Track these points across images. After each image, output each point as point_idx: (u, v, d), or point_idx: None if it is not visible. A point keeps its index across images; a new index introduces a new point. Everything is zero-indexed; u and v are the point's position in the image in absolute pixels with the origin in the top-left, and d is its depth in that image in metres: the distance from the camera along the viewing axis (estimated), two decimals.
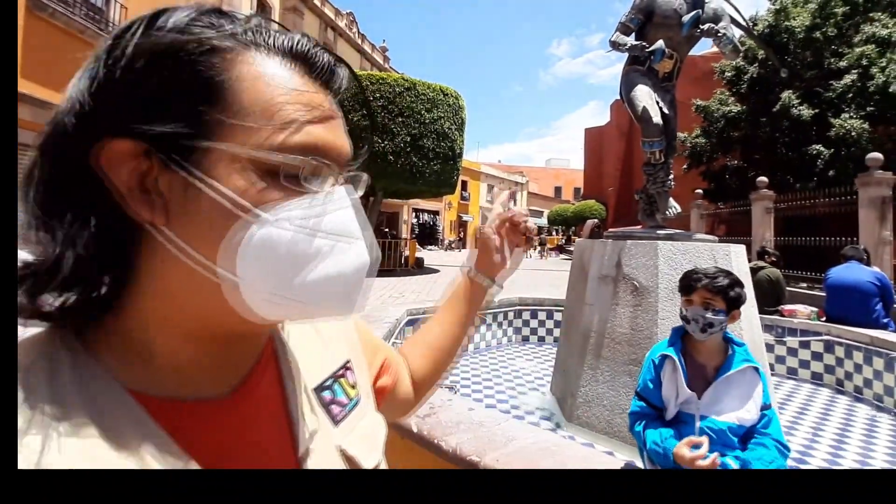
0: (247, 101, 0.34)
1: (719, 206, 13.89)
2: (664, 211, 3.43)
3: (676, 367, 1.55)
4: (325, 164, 0.37)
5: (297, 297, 0.36)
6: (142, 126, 0.33)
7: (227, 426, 0.39)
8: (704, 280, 1.56)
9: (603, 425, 3.09)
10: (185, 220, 0.34)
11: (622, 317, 3.11)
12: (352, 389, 0.52)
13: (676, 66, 3.42)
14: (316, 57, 0.39)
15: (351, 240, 0.39)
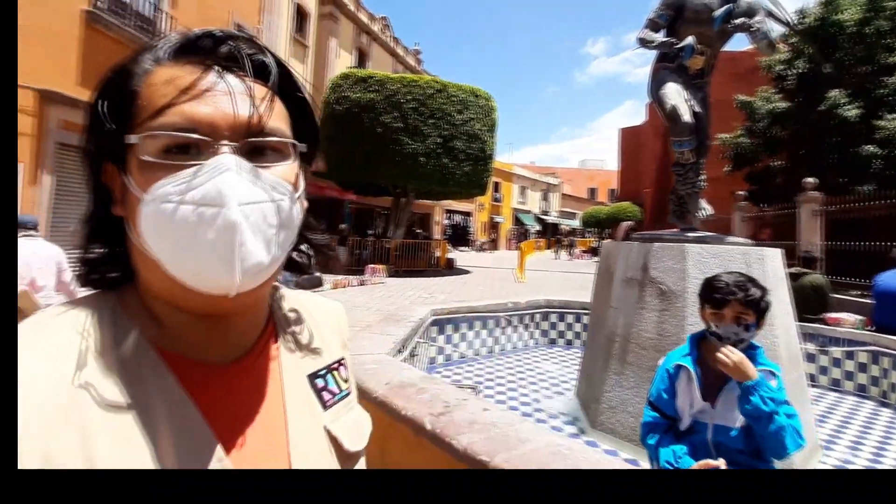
0: (143, 101, 0.41)
1: (763, 209, 13.28)
2: (695, 213, 3.31)
3: (692, 378, 1.51)
4: (181, 136, 0.39)
5: (186, 264, 0.39)
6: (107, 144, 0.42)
7: (228, 389, 0.45)
8: (738, 294, 1.46)
9: (628, 432, 3.01)
10: (128, 211, 0.42)
11: (648, 321, 3.03)
12: (343, 383, 0.56)
13: (709, 62, 3.30)
14: (197, 44, 0.42)
15: (214, 207, 0.38)
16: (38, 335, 0.38)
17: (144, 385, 0.40)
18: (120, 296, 0.45)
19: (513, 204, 41.41)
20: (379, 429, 0.60)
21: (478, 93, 14.38)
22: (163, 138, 0.39)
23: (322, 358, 0.56)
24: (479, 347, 5.09)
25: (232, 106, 0.40)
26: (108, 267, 0.46)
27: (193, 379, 0.43)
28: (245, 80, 0.42)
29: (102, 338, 0.40)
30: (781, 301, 2.95)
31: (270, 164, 0.43)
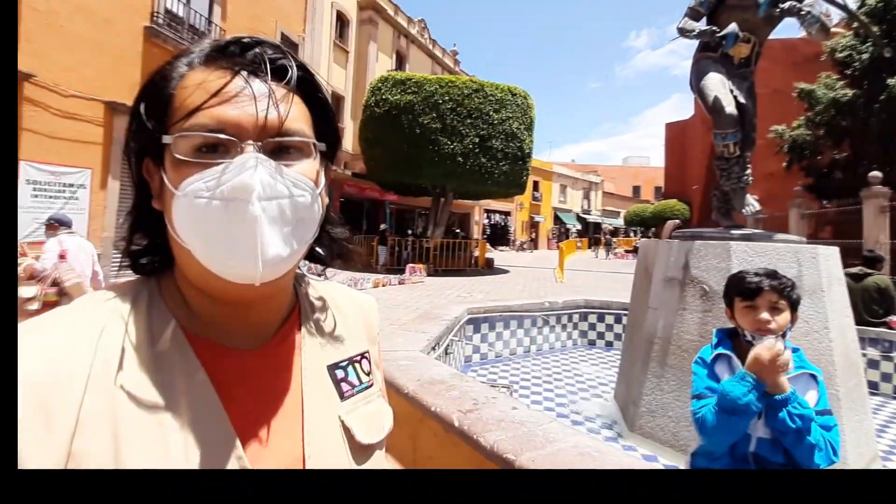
0: (177, 104, 0.44)
1: (824, 205, 12.42)
2: (740, 209, 3.15)
3: (735, 366, 1.39)
4: (211, 137, 0.42)
5: (214, 255, 0.42)
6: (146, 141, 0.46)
7: (249, 373, 0.48)
8: (771, 281, 1.37)
9: (668, 437, 2.91)
10: (164, 205, 0.46)
11: (690, 323, 2.91)
12: (365, 375, 0.58)
13: (755, 50, 3.12)
14: (226, 50, 0.46)
15: (239, 201, 0.41)
16: (83, 315, 0.43)
17: (170, 365, 0.43)
18: (159, 281, 0.49)
19: (553, 203, 40.70)
20: (411, 423, 0.61)
21: (515, 91, 14.25)
22: (194, 138, 0.42)
23: (345, 349, 0.57)
24: (515, 347, 5.05)
25: (256, 108, 0.43)
26: (152, 255, 0.50)
27: (217, 361, 0.46)
28: (268, 83, 0.45)
29: (137, 320, 0.44)
30: (837, 302, 2.76)
31: (292, 161, 0.46)
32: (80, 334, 0.41)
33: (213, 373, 0.45)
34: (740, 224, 3.26)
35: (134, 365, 0.41)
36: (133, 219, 0.50)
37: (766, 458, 1.32)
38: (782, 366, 1.24)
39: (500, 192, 16.11)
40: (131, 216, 0.50)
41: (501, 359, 4.84)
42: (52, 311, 0.44)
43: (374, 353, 0.62)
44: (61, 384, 0.37)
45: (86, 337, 0.41)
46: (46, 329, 0.41)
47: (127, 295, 0.46)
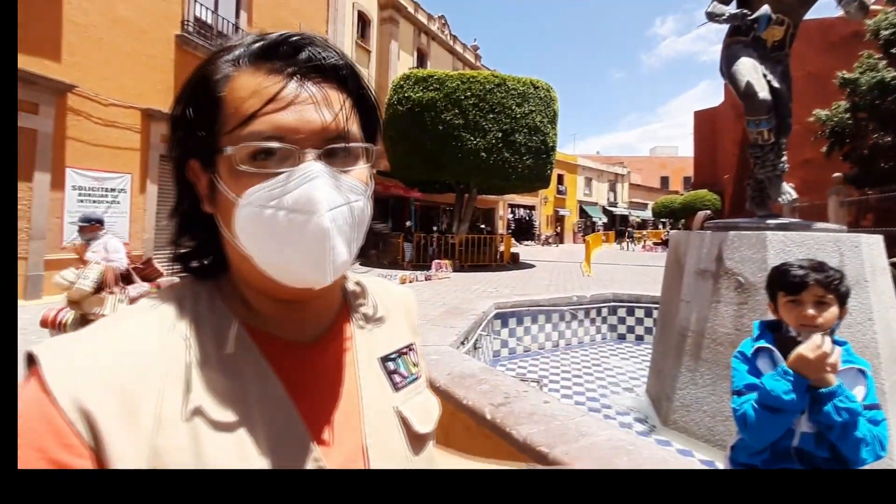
0: (230, 109, 0.44)
1: (867, 193, 11.83)
2: (776, 198, 3.05)
3: (777, 360, 1.33)
4: (274, 147, 0.42)
5: (278, 263, 0.43)
6: (193, 144, 0.46)
7: (310, 366, 0.49)
8: (817, 274, 1.30)
9: (703, 432, 2.86)
10: (219, 210, 0.46)
11: (724, 316, 2.84)
12: (413, 367, 0.58)
13: (789, 32, 3.01)
14: (276, 51, 0.45)
15: (306, 213, 0.41)
16: (150, 316, 0.43)
17: (238, 363, 0.44)
18: (215, 282, 0.50)
19: (578, 196, 40.06)
20: (443, 416, 0.59)
21: (537, 84, 14.08)
22: (255, 146, 0.42)
23: (392, 341, 0.58)
24: (544, 341, 5.03)
25: (313, 113, 0.43)
26: (203, 257, 0.51)
27: (278, 355, 0.47)
28: (323, 86, 0.44)
29: (201, 319, 0.45)
30: (882, 293, 2.65)
31: (349, 167, 0.46)
32: (150, 334, 0.41)
33: (278, 367, 0.46)
34: (776, 213, 3.16)
35: (204, 364, 0.42)
36: (178, 222, 0.50)
37: (810, 453, 1.27)
38: (830, 366, 1.18)
39: (524, 186, 15.98)
40: (176, 219, 0.50)
41: (530, 353, 4.84)
42: (117, 313, 0.45)
43: (417, 344, 0.62)
44: (140, 381, 0.38)
45: (155, 336, 0.41)
46: (118, 329, 0.41)
47: (187, 295, 0.47)
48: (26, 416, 0.35)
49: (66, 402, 0.35)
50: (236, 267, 0.48)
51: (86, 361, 0.37)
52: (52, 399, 0.35)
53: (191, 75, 0.47)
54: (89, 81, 7.76)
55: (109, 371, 0.37)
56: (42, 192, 7.10)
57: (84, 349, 0.38)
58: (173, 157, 0.48)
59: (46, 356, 0.37)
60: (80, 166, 7.69)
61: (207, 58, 0.47)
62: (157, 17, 8.94)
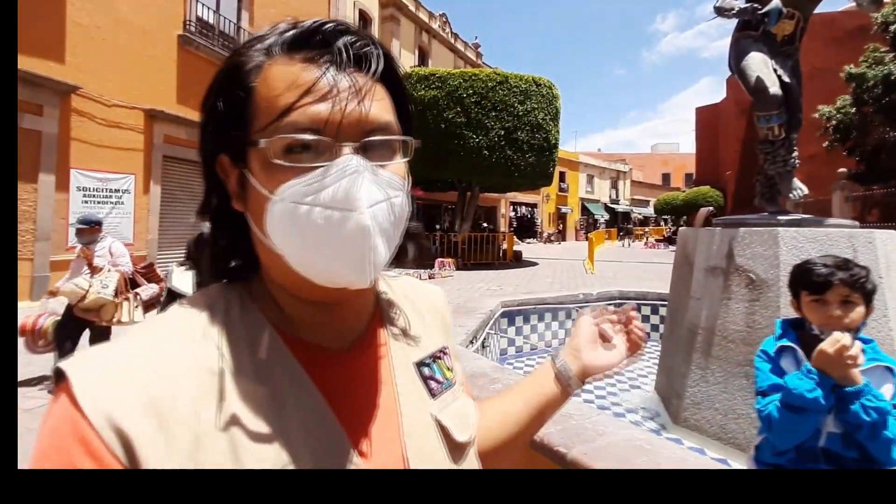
0: (261, 100, 0.41)
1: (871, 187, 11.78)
2: (787, 194, 3.02)
3: (800, 359, 1.30)
4: (311, 139, 0.39)
5: (314, 263, 0.41)
6: (224, 138, 0.43)
7: (347, 373, 0.46)
8: (841, 273, 1.27)
9: (715, 430, 2.84)
10: (250, 207, 0.44)
11: (736, 313, 2.83)
12: (448, 371, 0.56)
13: (799, 26, 2.98)
14: (311, 40, 0.42)
15: (345, 210, 0.39)
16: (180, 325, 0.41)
17: (273, 372, 0.42)
18: (246, 285, 0.47)
19: (580, 193, 39.99)
20: None
21: (539, 81, 14.04)
22: (285, 139, 0.39)
23: (426, 345, 0.55)
24: (551, 339, 5.02)
25: (350, 105, 0.40)
26: (231, 258, 0.48)
27: (314, 362, 0.44)
28: (359, 76, 0.42)
29: (234, 327, 0.42)
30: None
31: (386, 161, 0.43)
32: (183, 345, 0.39)
33: (314, 375, 0.44)
34: (786, 209, 3.14)
35: (239, 373, 0.40)
36: (212, 220, 0.47)
37: (837, 453, 1.25)
38: (850, 361, 1.15)
39: (526, 184, 15.96)
40: (207, 217, 0.47)
41: (537, 351, 4.83)
42: (146, 322, 0.43)
43: (450, 346, 0.60)
44: (175, 395, 0.36)
45: (189, 347, 0.39)
46: (149, 341, 0.39)
47: (218, 301, 0.44)
48: (59, 436, 0.33)
49: (101, 422, 0.33)
50: (268, 268, 0.46)
51: (119, 377, 0.35)
52: (86, 419, 0.33)
53: (221, 66, 0.44)
54: (93, 82, 7.76)
55: (143, 387, 0.35)
56: (47, 193, 7.11)
57: (116, 364, 0.36)
58: (202, 152, 0.46)
59: (76, 372, 0.35)
60: (85, 167, 7.70)
61: (238, 48, 0.44)
62: (159, 17, 8.93)
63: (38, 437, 0.35)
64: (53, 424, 0.34)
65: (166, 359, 0.38)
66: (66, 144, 7.40)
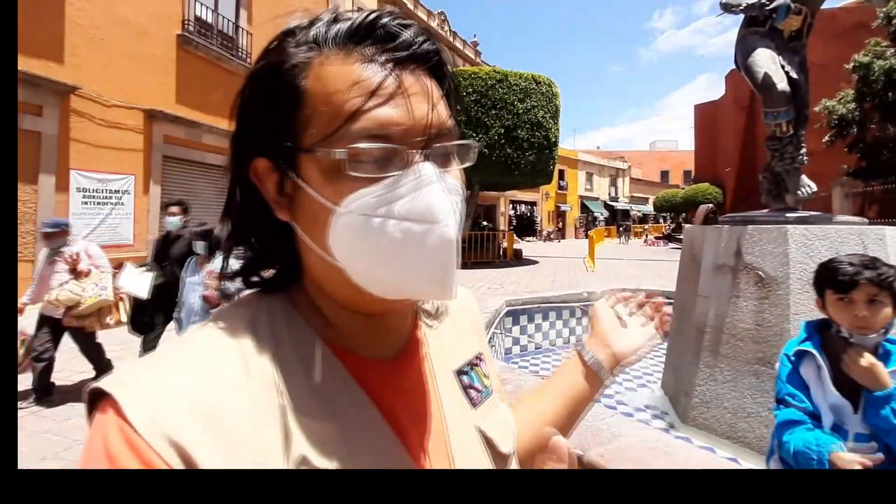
0: (317, 101, 0.37)
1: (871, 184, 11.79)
2: (795, 191, 3.01)
3: (821, 366, 1.29)
4: (383, 148, 0.36)
5: (386, 278, 0.38)
6: (263, 141, 0.40)
7: (394, 384, 0.44)
8: (868, 272, 1.23)
9: (724, 428, 2.83)
10: (302, 216, 0.40)
11: (744, 311, 2.81)
12: (486, 379, 0.54)
13: (806, 21, 2.97)
14: (371, 33, 0.38)
15: (426, 223, 0.36)
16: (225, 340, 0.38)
17: (326, 383, 0.40)
18: (287, 295, 0.44)
19: (579, 191, 40.00)
20: None
21: (539, 79, 14.01)
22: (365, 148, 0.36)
23: (463, 352, 0.53)
24: (555, 338, 5.01)
25: (418, 108, 0.37)
26: (266, 267, 0.45)
27: (363, 373, 0.42)
28: (421, 75, 0.39)
29: (281, 339, 0.40)
30: None
31: (448, 166, 0.41)
32: (233, 361, 0.36)
33: (365, 387, 0.42)
34: (793, 206, 3.13)
35: (294, 391, 0.37)
36: (245, 228, 0.44)
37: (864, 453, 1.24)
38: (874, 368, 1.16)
39: (526, 182, 15.95)
40: (241, 225, 0.44)
41: (542, 350, 4.82)
42: (187, 335, 0.39)
43: (485, 349, 0.58)
44: (231, 413, 0.34)
45: (238, 362, 0.37)
46: (196, 357, 0.36)
47: (261, 312, 0.41)
48: (115, 458, 0.30)
49: (157, 439, 0.31)
50: (319, 280, 0.42)
51: (172, 393, 0.33)
52: (142, 438, 0.30)
53: (258, 62, 0.40)
54: (92, 83, 7.71)
55: (199, 403, 0.33)
56: (47, 194, 7.06)
57: (166, 379, 0.34)
58: (234, 156, 0.42)
59: (123, 392, 0.32)
60: (85, 168, 7.65)
61: (275, 40, 0.41)
62: (157, 17, 8.88)
63: (84, 460, 0.32)
64: (105, 448, 0.31)
65: (218, 373, 0.35)
66: (65, 145, 7.35)
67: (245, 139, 0.41)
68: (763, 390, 2.68)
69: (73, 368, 4.13)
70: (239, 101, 0.41)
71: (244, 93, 0.41)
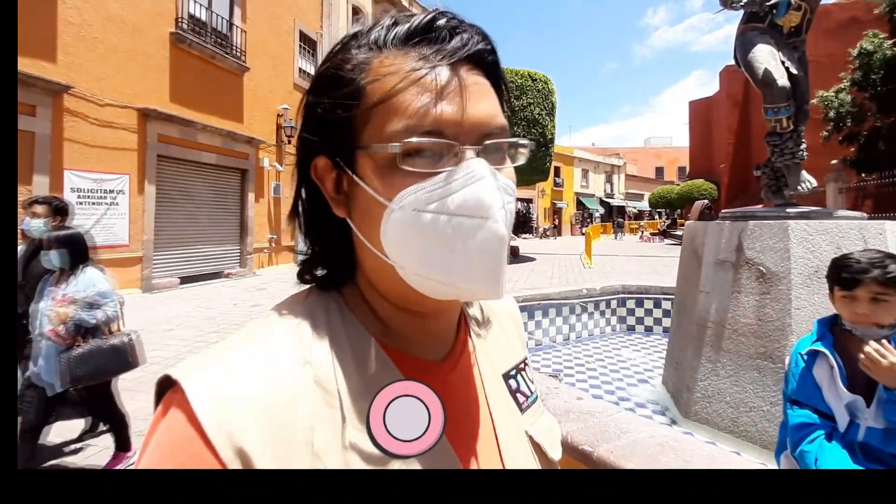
0: (374, 99, 0.38)
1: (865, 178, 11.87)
2: (795, 186, 3.02)
3: (833, 366, 1.30)
4: (436, 143, 0.37)
5: (436, 275, 0.38)
6: (324, 139, 0.41)
7: (444, 386, 0.43)
8: (873, 271, 1.23)
9: (727, 423, 2.85)
10: (357, 213, 0.41)
11: (746, 306, 2.83)
12: (531, 384, 0.54)
13: (806, 17, 2.98)
14: (430, 33, 0.39)
15: (477, 218, 0.36)
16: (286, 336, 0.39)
17: (380, 384, 0.39)
18: (340, 292, 0.45)
19: (575, 188, 40.06)
20: None
21: (535, 76, 14.00)
22: (397, 145, 0.36)
23: (509, 356, 0.53)
24: (555, 335, 5.02)
25: (471, 105, 0.38)
26: (325, 264, 0.46)
27: (415, 373, 0.42)
28: (476, 74, 0.40)
29: (338, 340, 0.40)
30: None
31: (501, 165, 0.41)
32: (293, 357, 0.37)
33: None
34: (792, 201, 3.14)
35: (351, 390, 0.38)
36: (307, 225, 0.46)
37: (876, 447, 1.24)
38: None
39: (522, 179, 15.94)
40: (304, 223, 0.46)
41: (542, 347, 4.83)
42: (249, 328, 0.40)
43: (528, 358, 0.58)
44: (291, 412, 0.34)
45: (298, 359, 0.37)
46: (259, 352, 0.37)
47: (318, 309, 0.42)
48: (178, 452, 0.32)
49: (221, 441, 0.31)
50: (373, 277, 0.43)
51: (237, 390, 0.34)
52: (206, 437, 0.31)
53: (322, 63, 0.42)
54: (85, 82, 7.62)
55: (260, 402, 0.34)
56: (41, 194, 7.00)
57: (232, 375, 0.35)
58: (299, 154, 0.44)
59: (192, 384, 0.33)
60: (79, 168, 7.58)
61: (339, 43, 0.42)
62: (151, 14, 8.79)
63: (150, 450, 0.33)
64: (170, 440, 0.32)
65: (280, 371, 0.36)
66: (59, 145, 7.27)
67: (307, 138, 0.42)
68: (765, 384, 2.70)
69: None
70: (304, 101, 0.42)
71: (309, 93, 0.42)
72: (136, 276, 8.48)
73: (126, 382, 3.80)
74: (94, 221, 7.74)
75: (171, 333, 5.66)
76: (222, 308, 7.32)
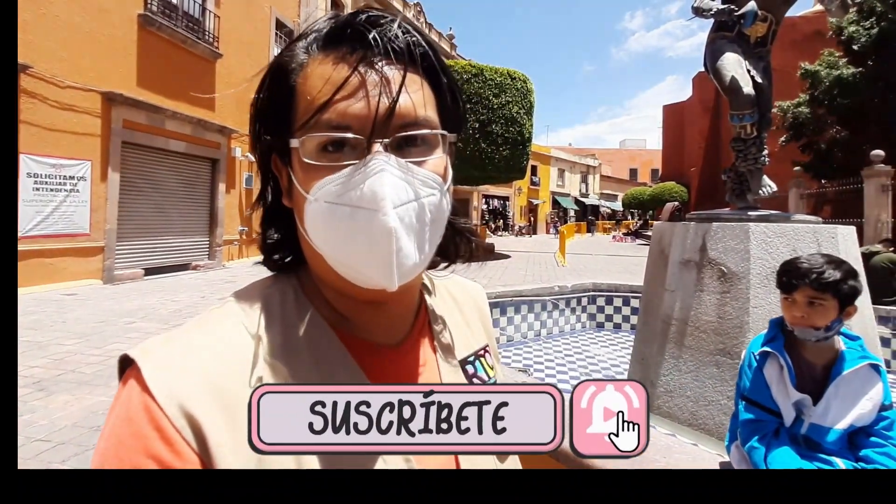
0: (302, 99, 0.42)
1: (824, 185, 12.44)
2: (757, 191, 3.15)
3: (783, 367, 1.35)
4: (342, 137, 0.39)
5: (347, 262, 0.40)
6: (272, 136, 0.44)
7: (396, 370, 0.47)
8: (810, 275, 1.28)
9: (686, 416, 2.95)
10: (294, 204, 0.44)
11: (707, 304, 2.93)
12: (490, 370, 0.55)
13: (771, 28, 3.09)
14: (345, 34, 0.41)
15: (370, 210, 0.38)
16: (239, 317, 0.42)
17: (330, 364, 0.42)
18: (299, 278, 0.48)
19: (551, 187, 40.56)
20: None
21: (514, 75, 14.08)
22: (320, 137, 0.40)
23: (469, 343, 0.55)
24: (527, 331, 5.09)
25: (383, 100, 0.39)
26: (283, 251, 0.49)
27: (365, 357, 0.44)
28: (395, 69, 0.41)
29: (291, 321, 0.43)
30: None
31: (422, 157, 0.42)
32: (244, 336, 0.40)
33: (366, 370, 0.44)
34: (755, 205, 3.26)
35: (298, 368, 0.40)
36: (264, 214, 0.48)
37: (818, 442, 1.31)
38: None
39: (500, 177, 16.04)
40: (262, 210, 0.49)
41: (513, 342, 4.88)
42: (208, 312, 0.43)
43: (491, 344, 0.59)
44: (241, 386, 0.37)
45: (249, 339, 0.40)
46: (213, 331, 0.40)
47: (274, 293, 0.45)
48: (136, 424, 0.34)
49: (174, 410, 0.34)
50: (313, 265, 0.46)
51: (188, 366, 0.37)
52: (159, 406, 0.34)
53: (268, 65, 0.45)
54: (45, 62, 7.26)
55: (210, 375, 0.36)
56: None
57: (184, 353, 0.38)
58: (254, 150, 0.47)
59: (146, 361, 0.36)
60: (36, 152, 7.23)
61: (286, 45, 0.45)
62: None
63: (110, 424, 0.36)
64: (127, 412, 0.35)
65: (231, 347, 0.39)
66: None
67: (258, 136, 0.46)
68: (723, 380, 2.80)
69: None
70: (253, 101, 0.46)
71: (257, 92, 0.45)
72: (96, 266, 8.16)
73: (84, 376, 3.67)
74: (52, 209, 7.41)
75: (133, 326, 5.48)
76: (189, 301, 7.12)
